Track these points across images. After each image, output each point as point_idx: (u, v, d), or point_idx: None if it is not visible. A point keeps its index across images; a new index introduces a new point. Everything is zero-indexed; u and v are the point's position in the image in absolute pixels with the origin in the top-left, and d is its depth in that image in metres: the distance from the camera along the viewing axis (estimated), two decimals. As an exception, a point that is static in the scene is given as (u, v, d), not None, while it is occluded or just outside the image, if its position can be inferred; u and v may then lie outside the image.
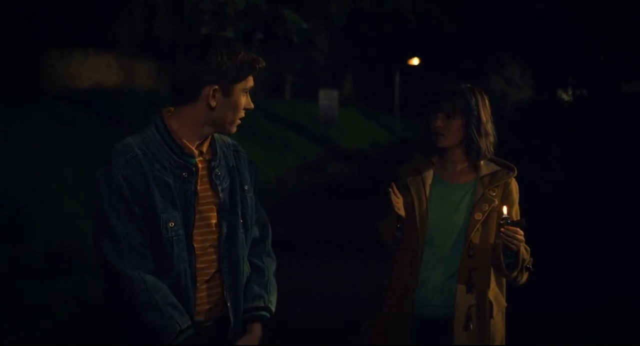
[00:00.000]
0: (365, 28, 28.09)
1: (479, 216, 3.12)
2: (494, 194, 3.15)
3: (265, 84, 26.31)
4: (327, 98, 23.65)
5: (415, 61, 32.57)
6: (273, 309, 2.82)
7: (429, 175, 3.22)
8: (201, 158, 2.69)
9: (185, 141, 2.65)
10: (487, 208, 3.12)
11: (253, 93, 2.73)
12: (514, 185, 3.22)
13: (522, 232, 3.02)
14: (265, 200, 11.33)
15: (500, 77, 37.78)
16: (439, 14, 26.34)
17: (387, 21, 27.23)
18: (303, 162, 19.52)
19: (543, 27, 20.35)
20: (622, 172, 12.24)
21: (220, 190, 2.71)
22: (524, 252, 3.11)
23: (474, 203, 3.14)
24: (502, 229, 3.01)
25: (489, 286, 3.17)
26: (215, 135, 2.77)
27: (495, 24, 23.47)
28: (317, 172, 18.41)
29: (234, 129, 2.72)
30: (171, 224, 2.59)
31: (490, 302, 3.17)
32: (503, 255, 3.08)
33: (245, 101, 2.69)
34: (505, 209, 3.06)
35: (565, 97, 22.76)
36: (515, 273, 3.13)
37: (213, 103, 2.62)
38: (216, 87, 2.62)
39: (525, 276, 3.19)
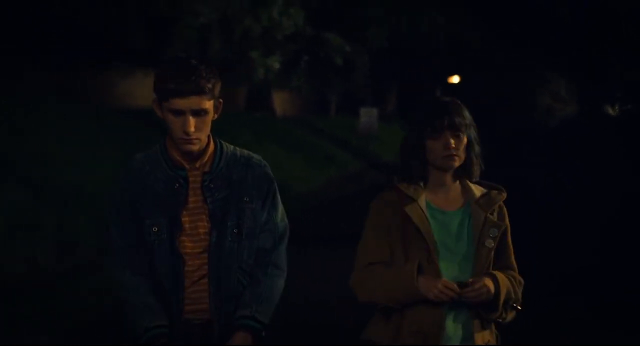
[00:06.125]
0: (405, 48, 29.24)
1: (490, 243, 2.85)
2: (494, 217, 2.89)
3: (310, 102, 27.83)
4: (367, 115, 25.14)
5: (455, 79, 33.62)
6: (263, 319, 2.83)
7: (423, 202, 2.86)
8: (197, 171, 2.83)
9: (176, 155, 2.82)
10: (497, 233, 2.86)
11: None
12: (505, 207, 2.95)
13: (483, 289, 2.76)
14: (308, 205, 12.93)
15: (546, 91, 37.73)
16: (471, 35, 27.23)
17: (425, 42, 28.32)
18: (344, 173, 20.89)
19: (582, 40, 19.91)
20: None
21: (210, 201, 2.82)
22: (511, 291, 2.87)
23: (478, 229, 2.85)
24: (461, 292, 2.76)
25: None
26: (225, 147, 2.88)
27: (532, 40, 23.40)
28: (356, 181, 19.57)
29: (186, 148, 2.76)
30: (154, 229, 2.80)
31: (494, 328, 2.96)
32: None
33: (179, 123, 2.72)
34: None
35: (612, 112, 22.03)
36: (495, 315, 2.87)
37: (159, 113, 2.79)
38: (154, 98, 2.79)
39: (511, 315, 2.91)
